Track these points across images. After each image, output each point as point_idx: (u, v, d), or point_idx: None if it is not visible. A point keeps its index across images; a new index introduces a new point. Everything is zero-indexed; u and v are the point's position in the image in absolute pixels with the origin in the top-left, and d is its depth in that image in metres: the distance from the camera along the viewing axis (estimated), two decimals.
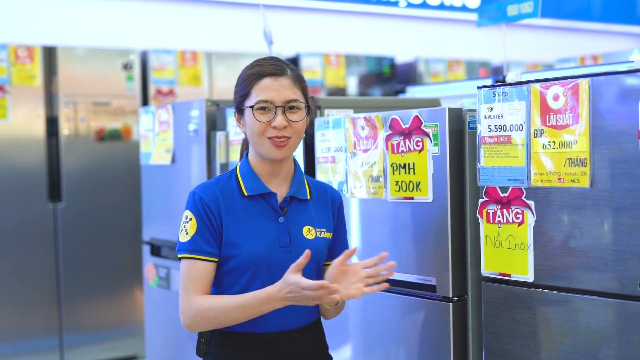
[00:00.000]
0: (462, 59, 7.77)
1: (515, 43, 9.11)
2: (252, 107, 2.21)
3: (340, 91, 7.01)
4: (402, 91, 4.46)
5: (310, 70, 6.87)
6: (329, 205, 2.38)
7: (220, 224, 2.22)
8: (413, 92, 4.36)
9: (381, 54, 7.49)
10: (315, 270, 2.30)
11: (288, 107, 2.22)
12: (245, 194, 2.25)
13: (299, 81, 2.27)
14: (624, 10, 10.42)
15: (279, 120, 2.20)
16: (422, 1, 8.21)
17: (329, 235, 2.34)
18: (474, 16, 4.95)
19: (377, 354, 2.98)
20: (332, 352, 2.47)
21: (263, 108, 2.21)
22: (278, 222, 2.25)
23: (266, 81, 2.22)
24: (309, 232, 2.29)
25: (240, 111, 2.28)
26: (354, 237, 3.04)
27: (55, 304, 5.52)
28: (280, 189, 2.30)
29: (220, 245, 2.22)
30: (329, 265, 2.28)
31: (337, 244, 2.40)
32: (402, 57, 7.67)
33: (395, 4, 8.05)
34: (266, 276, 2.21)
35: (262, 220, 2.24)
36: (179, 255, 2.23)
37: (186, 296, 2.18)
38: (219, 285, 2.26)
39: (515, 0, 3.97)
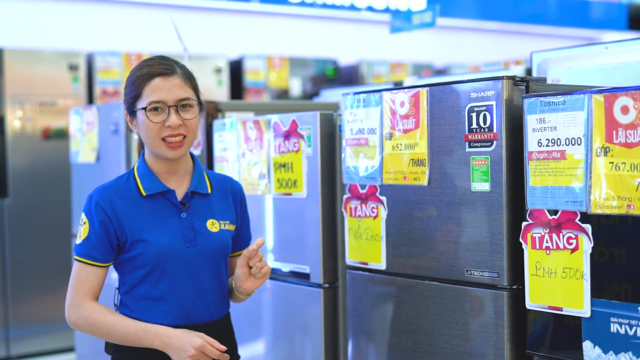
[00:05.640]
0: (406, 61, 8.05)
1: (465, 45, 9.42)
2: (144, 108, 2.21)
3: (284, 93, 7.27)
4: (317, 94, 4.74)
5: (254, 72, 7.12)
6: (231, 198, 2.41)
7: (118, 227, 2.24)
8: (326, 96, 4.65)
9: (325, 56, 7.77)
10: (223, 264, 2.35)
11: (180, 105, 2.23)
12: (144, 194, 2.27)
13: (190, 79, 2.29)
14: (577, 14, 10.74)
15: (173, 119, 2.21)
16: (368, 5, 8.48)
17: (232, 227, 2.38)
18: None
19: (253, 333, 3.26)
20: None
21: (156, 109, 2.21)
22: (181, 218, 2.27)
23: (157, 81, 2.22)
24: (212, 225, 2.31)
25: (132, 113, 2.27)
26: None
27: (1, 297, 5.75)
28: (180, 186, 2.32)
29: (115, 249, 2.25)
30: (234, 257, 2.45)
31: (242, 236, 2.47)
32: (345, 60, 7.95)
33: (341, 7, 8.32)
34: (174, 273, 2.25)
35: (164, 218, 2.26)
36: (74, 256, 2.28)
37: (75, 295, 2.24)
38: (125, 284, 2.30)
39: (418, 11, 4.29)
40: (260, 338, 3.25)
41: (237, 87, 7.09)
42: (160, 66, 2.24)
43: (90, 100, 6.28)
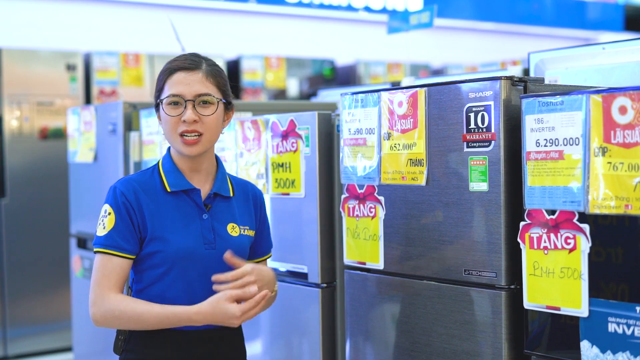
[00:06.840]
0: (403, 61, 8.06)
1: (462, 46, 9.43)
2: (163, 100, 2.20)
3: (281, 93, 7.28)
4: (314, 94, 4.76)
5: (251, 72, 7.13)
6: (251, 203, 2.37)
7: (141, 220, 2.19)
8: (323, 96, 4.66)
9: (322, 56, 7.78)
10: None
11: (199, 101, 2.20)
12: (169, 189, 2.23)
13: (213, 76, 2.25)
14: (573, 15, 10.76)
15: (188, 114, 2.17)
16: (365, 5, 8.50)
17: (251, 233, 2.34)
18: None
19: (250, 333, 3.27)
20: None
21: (174, 102, 2.19)
22: (202, 219, 2.23)
23: (178, 75, 2.20)
24: (233, 230, 2.28)
25: (157, 106, 2.26)
26: None
27: None
28: (204, 186, 2.28)
29: (139, 242, 2.20)
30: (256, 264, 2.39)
31: (263, 242, 2.43)
32: (342, 60, 7.96)
33: (338, 8, 8.34)
34: (190, 275, 2.20)
35: (186, 217, 2.22)
36: (94, 249, 2.19)
37: (100, 290, 2.15)
38: (140, 282, 2.24)
39: (415, 11, 4.30)
40: (258, 337, 3.25)
41: (234, 87, 7.09)
42: (186, 61, 2.23)
43: (88, 100, 6.29)
